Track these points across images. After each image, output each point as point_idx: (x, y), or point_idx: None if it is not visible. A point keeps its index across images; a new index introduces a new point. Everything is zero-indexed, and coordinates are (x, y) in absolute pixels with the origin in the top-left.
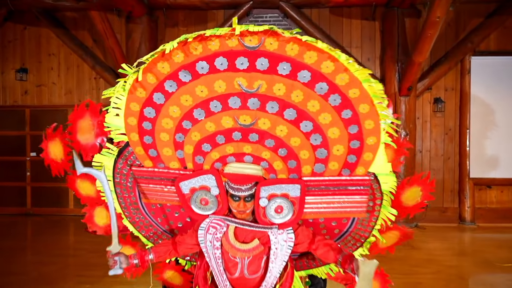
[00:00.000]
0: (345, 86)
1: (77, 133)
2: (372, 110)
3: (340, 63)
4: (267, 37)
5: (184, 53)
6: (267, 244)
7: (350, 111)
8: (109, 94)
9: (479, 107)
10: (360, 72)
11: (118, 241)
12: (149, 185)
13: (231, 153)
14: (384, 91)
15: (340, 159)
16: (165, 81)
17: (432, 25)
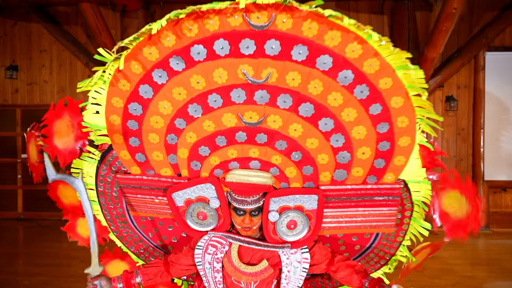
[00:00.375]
0: (374, 75)
1: (54, 136)
2: (407, 105)
3: (369, 46)
4: (279, 13)
5: (175, 35)
6: (278, 266)
7: (380, 106)
8: (86, 87)
9: (494, 106)
10: (395, 56)
11: (98, 261)
12: (137, 196)
13: (234, 157)
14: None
15: (365, 164)
16: (153, 70)
17: (448, 17)
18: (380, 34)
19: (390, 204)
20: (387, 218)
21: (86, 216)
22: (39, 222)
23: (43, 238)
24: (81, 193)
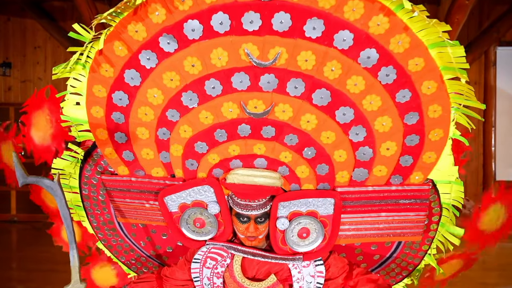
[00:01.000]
0: (403, 54)
1: (31, 127)
2: (441, 90)
3: (398, 19)
4: None
5: (166, 8)
6: (288, 282)
7: (409, 92)
8: (62, 74)
9: (506, 102)
10: (430, 31)
11: (79, 278)
12: (125, 200)
13: (236, 155)
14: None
15: (390, 162)
16: (140, 52)
17: (460, 9)
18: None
19: (418, 209)
20: (414, 225)
21: (64, 225)
22: (33, 225)
23: (37, 242)
24: (57, 198)
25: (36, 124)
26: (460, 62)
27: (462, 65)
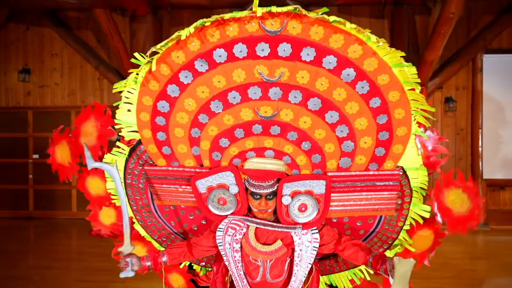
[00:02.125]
0: (373, 72)
1: (80, 136)
2: (403, 98)
3: (368, 47)
4: (290, 19)
5: (200, 40)
6: (291, 246)
7: (379, 100)
8: (120, 88)
9: (492, 107)
10: (391, 55)
11: (130, 241)
12: (162, 185)
13: (251, 147)
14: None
15: (367, 152)
16: (180, 71)
17: (446, 22)
18: (380, 38)
19: (390, 189)
20: (387, 202)
21: (120, 199)
22: (49, 221)
23: (53, 236)
24: (115, 179)
25: (84, 132)
26: (414, 78)
27: (416, 80)
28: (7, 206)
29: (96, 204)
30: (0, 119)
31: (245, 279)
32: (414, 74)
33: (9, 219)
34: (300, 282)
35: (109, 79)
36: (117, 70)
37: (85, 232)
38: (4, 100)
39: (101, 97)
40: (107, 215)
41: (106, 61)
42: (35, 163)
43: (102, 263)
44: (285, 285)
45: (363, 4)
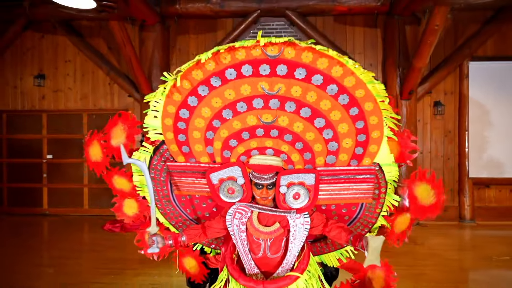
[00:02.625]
0: (352, 87)
1: (111, 139)
2: (376, 108)
3: (347, 68)
4: (286, 47)
5: (215, 62)
6: (287, 227)
7: (357, 109)
8: (150, 99)
9: (477, 110)
10: (365, 75)
11: (156, 223)
12: (181, 178)
13: (255, 147)
14: (385, 92)
15: (349, 151)
16: (199, 86)
17: (431, 33)
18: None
19: (368, 181)
20: (366, 191)
21: (148, 188)
22: (62, 217)
23: (67, 231)
24: (144, 172)
25: (114, 135)
26: (383, 92)
27: (385, 94)
28: (23, 204)
29: (119, 197)
30: (16, 121)
31: (249, 255)
32: (383, 90)
33: (25, 216)
34: (294, 257)
35: (119, 84)
36: (126, 76)
37: (96, 227)
38: (20, 104)
39: (112, 101)
40: (129, 207)
41: (116, 67)
42: (49, 163)
43: (115, 254)
44: (281, 260)
45: (357, 14)
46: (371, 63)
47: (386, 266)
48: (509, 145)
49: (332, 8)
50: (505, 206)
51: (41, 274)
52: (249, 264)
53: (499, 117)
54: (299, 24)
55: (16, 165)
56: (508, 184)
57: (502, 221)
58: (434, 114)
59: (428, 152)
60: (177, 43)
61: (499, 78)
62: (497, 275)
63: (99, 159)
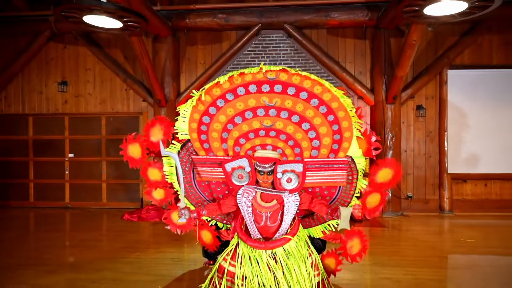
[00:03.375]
0: (329, 100)
1: (150, 136)
2: (346, 115)
3: (325, 87)
4: (281, 72)
5: (229, 82)
6: (282, 203)
7: (333, 116)
8: (181, 108)
9: (455, 113)
10: (338, 92)
11: (184, 200)
12: (202, 168)
13: (258, 144)
14: (373, 99)
15: (327, 147)
16: (217, 99)
17: (410, 46)
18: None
19: (342, 169)
20: (341, 177)
21: (178, 173)
22: (82, 210)
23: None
24: (176, 162)
25: (153, 133)
26: (351, 105)
27: (351, 106)
28: (47, 198)
29: (153, 186)
30: (41, 123)
31: (254, 224)
32: (350, 103)
33: (49, 209)
34: (287, 225)
35: (135, 89)
36: (141, 82)
37: (115, 217)
38: (45, 108)
39: (128, 105)
40: (158, 193)
41: (132, 74)
42: (71, 161)
43: (136, 237)
44: (278, 228)
45: (348, 27)
46: (361, 71)
47: (360, 234)
48: (483, 144)
49: (325, 22)
50: (480, 199)
51: (74, 252)
52: (253, 231)
53: (474, 119)
54: (296, 36)
55: (41, 163)
56: (482, 179)
57: (477, 212)
58: (416, 116)
59: (411, 150)
60: (187, 53)
61: (474, 84)
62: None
63: (136, 156)
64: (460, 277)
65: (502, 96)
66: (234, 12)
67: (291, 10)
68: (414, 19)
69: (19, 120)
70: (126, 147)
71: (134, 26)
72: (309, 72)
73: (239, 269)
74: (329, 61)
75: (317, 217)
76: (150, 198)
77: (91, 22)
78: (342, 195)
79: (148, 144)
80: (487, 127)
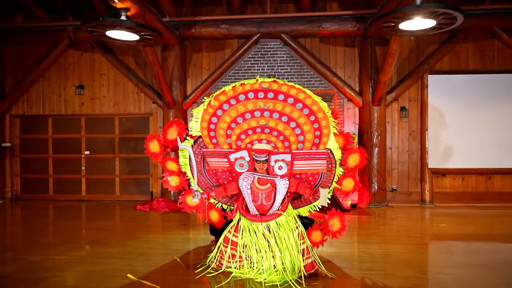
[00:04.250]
0: (310, 104)
1: (167, 135)
2: (325, 116)
3: (307, 94)
4: (272, 83)
5: (233, 90)
6: (275, 186)
7: (314, 116)
8: (195, 111)
9: (435, 114)
10: (317, 97)
11: (196, 184)
12: (211, 159)
13: (255, 139)
14: (361, 101)
15: (310, 141)
16: (223, 104)
17: (390, 55)
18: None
19: (322, 158)
20: (321, 165)
21: (191, 162)
22: (97, 202)
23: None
24: (191, 154)
25: (169, 133)
26: (328, 108)
27: (327, 108)
28: (65, 192)
29: (170, 175)
30: (60, 124)
31: (252, 203)
32: (326, 105)
33: (67, 201)
34: (279, 204)
35: (145, 93)
36: (151, 86)
37: (128, 209)
38: (64, 109)
39: (139, 107)
40: (174, 181)
41: (143, 79)
42: (87, 158)
43: (150, 223)
44: (271, 205)
45: (338, 36)
46: (350, 76)
47: (340, 215)
48: (460, 142)
49: (318, 32)
50: (458, 191)
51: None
52: (252, 208)
53: (452, 119)
54: (291, 45)
55: (59, 160)
56: (459, 174)
57: (455, 203)
58: (400, 117)
59: (396, 148)
60: (193, 59)
61: (452, 88)
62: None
63: (156, 151)
64: (425, 251)
65: (477, 99)
66: (236, 23)
67: (287, 21)
68: (392, 32)
69: (40, 121)
70: (148, 145)
71: (149, 39)
72: (304, 77)
73: (240, 239)
74: (321, 67)
75: (304, 200)
76: (167, 185)
77: (112, 36)
78: (323, 181)
79: (165, 141)
80: (463, 126)
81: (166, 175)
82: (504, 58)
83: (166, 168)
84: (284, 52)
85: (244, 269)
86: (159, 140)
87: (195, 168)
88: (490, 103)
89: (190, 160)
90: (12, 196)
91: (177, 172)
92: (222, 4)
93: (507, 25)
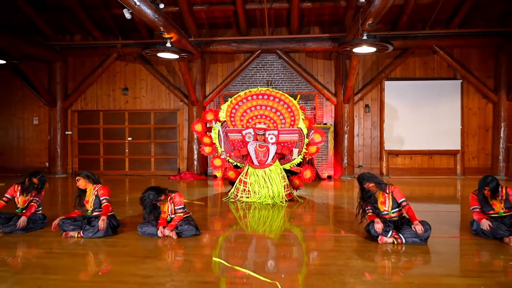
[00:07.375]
0: (288, 102)
1: (206, 118)
2: (296, 109)
3: (286, 96)
4: (267, 90)
5: (244, 94)
6: (268, 149)
7: (290, 109)
8: (223, 107)
9: (390, 110)
10: (292, 98)
11: (221, 150)
12: (231, 134)
13: (257, 121)
14: (336, 100)
15: (288, 123)
16: (239, 102)
17: (352, 68)
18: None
19: (296, 133)
20: (295, 137)
21: (220, 136)
22: (137, 177)
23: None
24: (220, 130)
25: (207, 117)
26: (297, 104)
27: (299, 106)
28: (113, 168)
29: (205, 145)
30: (109, 117)
31: (255, 159)
32: (297, 103)
33: (114, 175)
34: (271, 159)
35: (174, 93)
36: (179, 88)
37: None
38: (112, 106)
39: (169, 104)
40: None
41: (172, 83)
42: (129, 143)
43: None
44: (266, 160)
45: (319, 52)
46: (328, 81)
47: (311, 168)
48: (408, 131)
49: (304, 49)
50: (407, 167)
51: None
52: (255, 161)
53: (403, 114)
54: (284, 58)
55: (108, 144)
56: (408, 154)
57: (405, 176)
58: (365, 112)
59: (361, 135)
60: (210, 68)
61: (403, 90)
62: None
63: (199, 130)
64: None
65: (421, 99)
66: (243, 42)
67: (281, 41)
68: (350, 53)
69: (93, 115)
70: (193, 127)
71: (184, 57)
72: (293, 82)
73: (248, 179)
74: (306, 75)
75: (287, 159)
76: (203, 152)
77: (162, 56)
78: (297, 147)
79: (205, 121)
80: (411, 119)
81: (203, 146)
82: (441, 68)
83: (203, 141)
84: (279, 63)
85: (251, 197)
86: (202, 123)
87: (222, 139)
88: (431, 101)
89: (219, 135)
90: (72, 171)
91: (210, 144)
92: (232, 27)
93: (442, 44)
